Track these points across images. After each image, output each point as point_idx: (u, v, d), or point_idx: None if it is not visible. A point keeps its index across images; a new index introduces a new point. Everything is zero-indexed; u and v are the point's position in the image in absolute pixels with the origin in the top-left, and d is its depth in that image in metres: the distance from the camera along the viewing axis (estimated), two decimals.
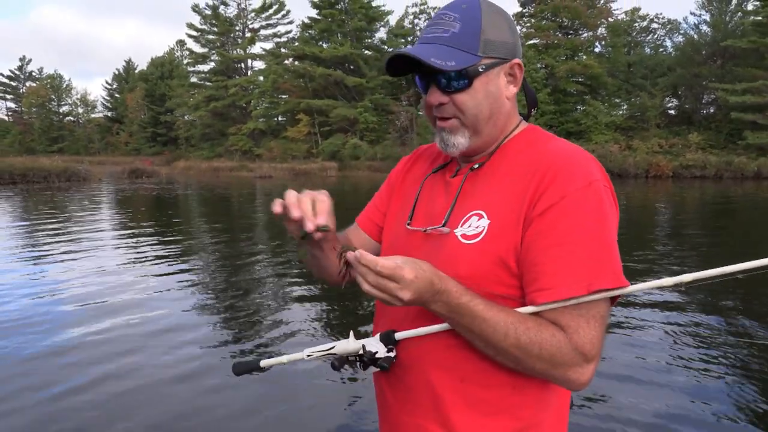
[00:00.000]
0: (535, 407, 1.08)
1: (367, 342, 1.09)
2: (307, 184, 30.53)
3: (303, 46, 51.98)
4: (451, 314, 0.97)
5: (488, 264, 1.02)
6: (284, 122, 55.70)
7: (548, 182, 1.00)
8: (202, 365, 4.36)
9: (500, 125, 1.12)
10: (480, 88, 1.06)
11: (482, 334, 0.97)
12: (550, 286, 0.96)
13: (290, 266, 8.20)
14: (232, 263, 8.56)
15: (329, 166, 43.14)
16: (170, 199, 22.07)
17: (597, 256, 0.97)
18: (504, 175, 1.09)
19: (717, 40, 41.29)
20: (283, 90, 54.19)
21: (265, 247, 10.05)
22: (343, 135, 48.01)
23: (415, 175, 1.31)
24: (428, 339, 1.06)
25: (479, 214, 1.06)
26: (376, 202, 1.38)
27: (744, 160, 33.00)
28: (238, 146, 54.21)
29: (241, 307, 6.04)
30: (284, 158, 47.63)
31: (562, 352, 0.95)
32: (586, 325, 0.97)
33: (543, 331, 0.96)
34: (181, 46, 75.21)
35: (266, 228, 13.00)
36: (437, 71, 1.04)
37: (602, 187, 1.01)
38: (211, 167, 47.12)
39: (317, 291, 6.64)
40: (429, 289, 0.94)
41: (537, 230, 0.99)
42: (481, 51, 1.04)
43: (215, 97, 58.14)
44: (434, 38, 1.06)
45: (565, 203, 0.98)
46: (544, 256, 0.98)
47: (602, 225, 0.99)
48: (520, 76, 1.10)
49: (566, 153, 1.05)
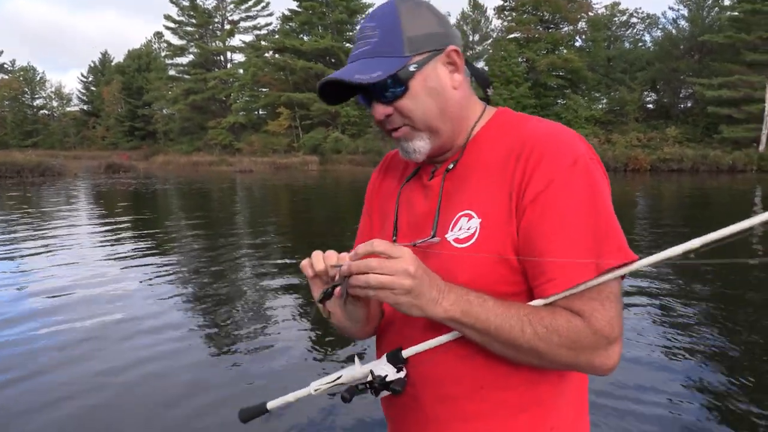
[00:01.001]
0: (554, 397, 1.04)
1: (375, 366, 1.02)
2: (289, 178, 30.34)
3: (283, 38, 51.51)
4: (463, 318, 0.92)
5: (488, 264, 0.97)
6: (265, 116, 55.21)
7: (533, 167, 0.96)
8: (180, 365, 4.25)
9: (457, 117, 1.06)
10: (418, 87, 1.00)
11: (499, 334, 0.92)
12: (557, 275, 0.92)
13: (271, 261, 8.08)
14: (213, 260, 8.42)
15: (310, 160, 42.92)
16: (148, 194, 21.74)
17: (599, 234, 0.92)
18: (484, 167, 1.04)
19: (695, 35, 41.86)
20: (263, 83, 53.68)
21: (247, 243, 9.91)
22: (325, 129, 47.79)
23: (390, 185, 1.24)
24: (439, 352, 1.00)
25: (468, 214, 1.01)
26: (363, 226, 1.31)
27: (719, 154, 33.54)
28: (217, 140, 53.65)
29: (222, 305, 5.92)
30: (265, 152, 47.29)
31: (582, 336, 0.91)
32: (602, 307, 0.92)
33: (557, 318, 0.92)
34: (158, 38, 74.14)
35: (248, 223, 12.85)
36: (371, 86, 0.99)
37: (589, 161, 0.97)
38: (191, 162, 46.60)
39: (301, 287, 6.55)
40: (433, 278, 0.92)
41: (531, 219, 0.94)
42: (408, 51, 0.99)
43: (194, 91, 57.43)
44: (359, 54, 1.02)
45: (555, 186, 0.94)
46: (545, 244, 0.93)
47: (597, 201, 0.94)
48: (461, 61, 1.03)
49: (546, 133, 1.00)
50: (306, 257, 1.01)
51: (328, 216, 14.59)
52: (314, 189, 24.33)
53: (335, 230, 11.68)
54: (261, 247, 9.38)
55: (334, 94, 1.07)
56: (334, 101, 1.09)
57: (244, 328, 5.15)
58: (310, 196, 20.93)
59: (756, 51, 36.57)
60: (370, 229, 1.27)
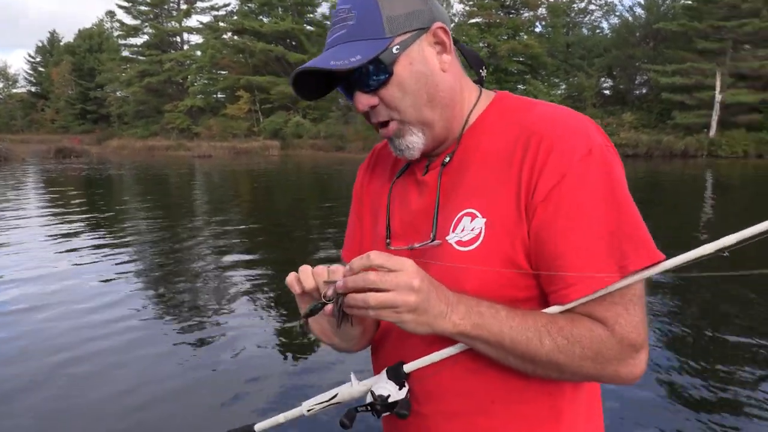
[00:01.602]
0: (570, 409, 0.96)
1: (374, 384, 0.93)
2: (249, 163, 29.83)
3: (242, 20, 50.27)
4: (475, 332, 0.82)
5: (497, 268, 0.88)
6: (224, 99, 53.96)
7: (543, 159, 0.85)
8: (133, 357, 4.10)
9: (449, 103, 0.94)
10: (404, 72, 0.89)
11: (515, 347, 0.83)
12: (577, 279, 0.82)
13: (232, 248, 7.91)
14: (171, 248, 8.18)
15: (271, 145, 42.29)
16: (102, 180, 21.04)
17: (621, 232, 0.83)
18: (484, 159, 0.93)
19: (650, 23, 42.77)
20: (221, 66, 52.38)
21: (206, 230, 9.67)
22: (286, 113, 47.06)
23: (379, 182, 1.13)
24: (446, 366, 0.91)
25: (470, 213, 0.91)
26: (353, 228, 1.19)
27: (672, 139, 34.57)
28: (174, 124, 52.22)
29: (180, 294, 5.75)
30: (224, 136, 46.32)
31: (606, 347, 0.82)
32: (626, 312, 0.83)
33: (578, 327, 0.83)
34: (111, 18, 71.37)
35: (207, 210, 12.56)
36: (352, 74, 0.89)
37: (605, 149, 0.87)
38: (147, 146, 45.38)
39: (264, 279, 6.42)
40: (439, 290, 0.82)
41: (544, 218, 0.85)
42: (389, 31, 0.88)
43: (149, 72, 55.60)
44: (335, 40, 0.91)
45: (570, 180, 0.84)
46: (562, 246, 0.83)
47: (617, 194, 0.85)
48: (449, 40, 0.92)
49: (555, 119, 0.89)
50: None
51: (291, 201, 14.40)
52: (275, 174, 23.99)
53: (297, 216, 11.53)
54: (221, 235, 9.17)
55: (310, 86, 0.96)
56: (312, 95, 0.97)
57: (202, 318, 5.02)
58: (271, 182, 20.62)
59: (707, 39, 37.64)
60: (360, 232, 1.15)
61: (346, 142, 41.81)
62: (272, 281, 6.24)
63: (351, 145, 41.41)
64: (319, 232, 9.54)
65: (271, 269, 6.88)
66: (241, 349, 4.26)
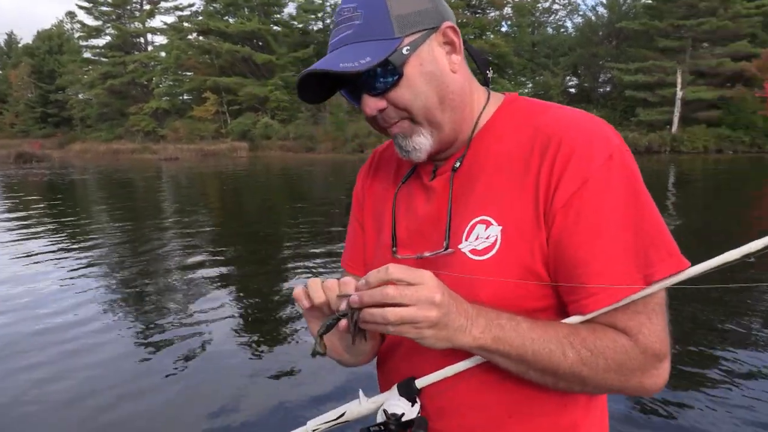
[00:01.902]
0: (586, 421, 0.94)
1: (386, 401, 0.88)
2: (217, 165, 29.42)
3: (207, 20, 49.54)
4: (495, 345, 0.79)
5: (513, 278, 0.84)
6: (190, 101, 53.09)
7: (562, 164, 0.82)
8: (96, 362, 3.98)
9: (459, 105, 0.91)
10: (415, 73, 0.85)
11: (537, 360, 0.80)
12: (600, 289, 0.79)
13: (201, 254, 7.77)
14: (137, 253, 7.99)
15: (239, 147, 41.81)
16: (65, 185, 20.49)
17: (645, 239, 0.80)
18: (497, 164, 0.90)
19: (612, 22, 43.67)
20: (187, 67, 51.55)
21: (174, 234, 9.48)
22: (254, 114, 46.57)
23: (382, 187, 1.09)
24: (461, 380, 0.88)
25: (485, 221, 0.87)
26: (354, 234, 1.14)
27: (636, 136, 35.33)
28: (140, 127, 51.18)
29: (146, 300, 5.62)
30: (191, 139, 45.60)
31: (630, 358, 0.80)
32: (649, 322, 0.81)
33: (601, 338, 0.80)
34: (71, 18, 69.58)
35: (175, 214, 12.32)
36: (359, 76, 0.85)
37: (625, 154, 0.84)
38: (111, 150, 44.37)
39: (234, 283, 6.32)
40: (459, 302, 0.78)
41: (565, 227, 0.82)
42: (398, 31, 0.84)
43: (112, 74, 54.35)
44: (339, 41, 0.87)
45: (591, 186, 0.81)
46: (584, 254, 0.80)
47: (640, 200, 0.82)
48: (458, 39, 0.89)
49: (573, 123, 0.86)
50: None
51: (260, 203, 14.24)
52: (244, 176, 23.72)
53: (267, 218, 11.41)
54: (189, 238, 9.00)
55: (313, 89, 0.91)
56: (315, 98, 0.93)
57: (169, 321, 4.91)
58: (240, 184, 20.38)
59: (668, 38, 38.62)
60: (362, 238, 1.11)
61: (316, 143, 41.59)
62: (242, 285, 6.15)
63: (321, 146, 41.22)
64: (290, 234, 9.45)
65: (241, 272, 6.79)
66: (207, 352, 4.19)
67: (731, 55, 36.53)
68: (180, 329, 4.77)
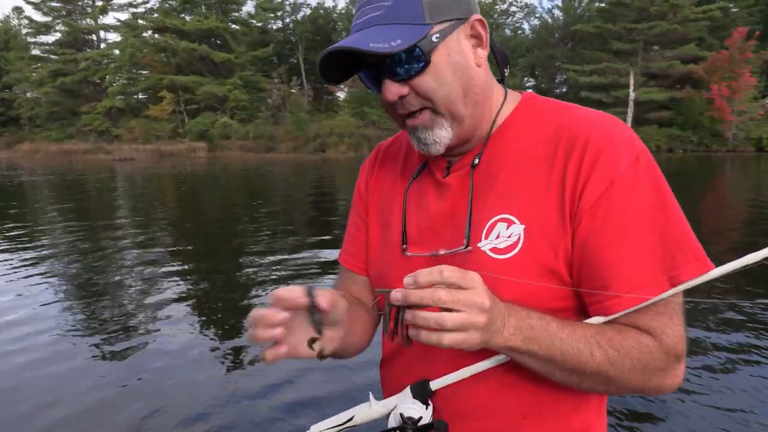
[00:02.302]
0: (597, 421, 0.94)
1: (399, 404, 0.84)
2: (174, 166, 28.77)
3: (163, 17, 48.43)
4: (524, 346, 0.77)
5: (535, 279, 0.83)
6: (146, 100, 51.81)
7: (590, 165, 0.81)
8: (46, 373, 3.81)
9: (481, 100, 0.89)
10: (442, 62, 0.83)
11: (565, 360, 0.79)
12: (628, 290, 0.79)
13: (159, 258, 7.55)
14: (91, 256, 7.71)
15: (198, 147, 41.06)
16: (13, 187, 19.65)
17: (672, 242, 0.80)
18: (517, 162, 0.88)
19: (568, 24, 44.75)
20: (142, 65, 50.26)
21: (130, 237, 9.19)
22: (212, 113, 45.77)
23: (389, 181, 1.06)
24: (478, 381, 0.85)
25: (506, 219, 0.85)
26: (356, 230, 1.10)
27: None
28: (93, 126, 49.64)
29: (101, 305, 5.42)
30: (147, 139, 44.54)
31: (654, 358, 0.80)
32: (671, 322, 0.81)
33: (627, 338, 0.80)
34: (18, 14, 66.80)
35: (130, 216, 11.97)
36: (383, 58, 0.82)
37: (651, 158, 0.84)
38: (62, 150, 42.86)
39: (192, 286, 6.16)
40: (496, 302, 0.75)
41: (591, 227, 0.81)
42: (429, 17, 0.81)
43: (63, 72, 52.52)
44: (367, 21, 0.83)
45: (618, 187, 0.80)
46: (610, 255, 0.80)
47: (667, 203, 0.82)
48: (486, 34, 0.88)
49: (599, 124, 0.85)
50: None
51: (220, 204, 13.98)
52: (203, 177, 23.26)
53: (227, 219, 11.20)
54: (146, 241, 8.75)
55: (334, 69, 0.87)
56: (334, 79, 0.89)
57: (127, 329, 4.75)
58: (198, 185, 19.96)
59: (621, 40, 39.83)
60: (364, 235, 1.08)
61: (277, 142, 41.19)
62: (200, 288, 6.00)
63: (281, 146, 40.83)
64: (251, 235, 9.30)
65: (200, 276, 6.63)
66: (167, 360, 4.06)
67: (680, 58, 37.96)
68: (136, 336, 4.62)
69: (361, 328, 1.03)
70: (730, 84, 33.69)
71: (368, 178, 1.10)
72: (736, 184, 17.64)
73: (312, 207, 13.08)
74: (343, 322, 0.88)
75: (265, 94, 47.11)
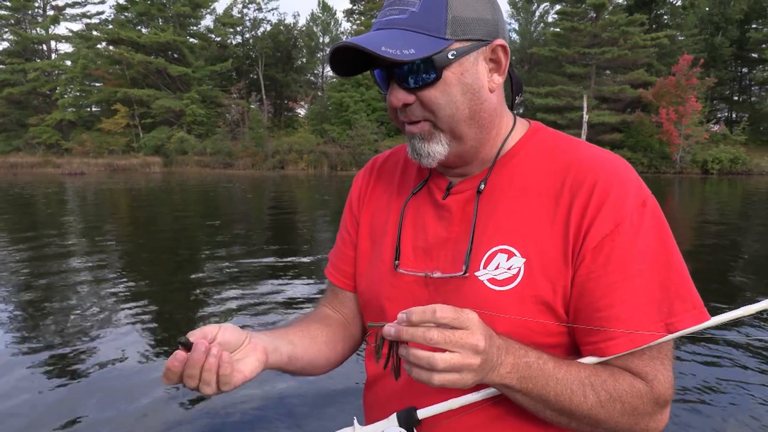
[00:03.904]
0: None
1: (384, 430, 0.83)
2: (128, 181, 27.92)
3: (118, 29, 47.35)
4: (521, 383, 0.76)
5: (531, 313, 0.82)
6: (99, 113, 50.40)
7: (597, 204, 0.81)
8: None
9: (487, 125, 0.87)
10: (453, 80, 0.82)
11: (558, 401, 0.78)
12: (621, 334, 0.79)
13: (117, 283, 7.18)
14: (35, 274, 7.27)
15: (152, 162, 40.10)
16: None
17: (671, 289, 0.80)
18: (523, 193, 0.87)
19: (525, 48, 45.98)
20: (96, 77, 48.95)
21: (79, 255, 8.75)
22: (168, 128, 44.84)
23: (384, 196, 1.03)
24: (465, 413, 0.83)
25: (507, 250, 0.84)
26: (344, 244, 1.07)
27: None
28: (41, 139, 47.80)
29: (48, 324, 5.06)
30: (99, 152, 43.23)
31: (644, 402, 0.80)
32: (663, 368, 0.81)
33: (620, 382, 0.80)
34: None
35: (79, 233, 11.44)
36: (395, 64, 0.82)
37: (657, 204, 0.84)
38: (8, 163, 41.10)
39: (144, 305, 5.85)
40: (493, 341, 0.74)
41: (593, 267, 0.80)
42: (450, 33, 0.80)
43: (10, 83, 50.57)
44: (389, 22, 0.83)
45: (623, 230, 0.80)
46: (609, 298, 0.80)
47: (669, 249, 0.82)
48: (506, 61, 0.85)
49: (608, 164, 0.84)
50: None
51: (174, 221, 13.55)
52: (157, 193, 22.60)
53: (182, 237, 10.83)
54: (96, 259, 8.34)
55: (347, 62, 0.85)
56: (346, 72, 0.87)
57: (74, 350, 4.44)
58: (152, 201, 19.36)
59: (575, 64, 41.16)
60: (351, 250, 1.05)
61: (235, 158, 40.59)
62: (148, 307, 5.71)
63: (239, 161, 40.25)
64: (205, 252, 8.99)
65: (149, 295, 6.32)
66: (114, 383, 3.80)
67: (631, 83, 39.47)
68: (84, 358, 4.32)
69: (325, 347, 1.01)
70: (677, 108, 35.15)
71: (361, 191, 1.08)
72: (684, 204, 18.28)
73: (270, 225, 12.82)
74: (246, 345, 0.84)
75: (223, 109, 46.48)
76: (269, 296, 6.11)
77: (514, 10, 49.73)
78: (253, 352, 0.83)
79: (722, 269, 7.68)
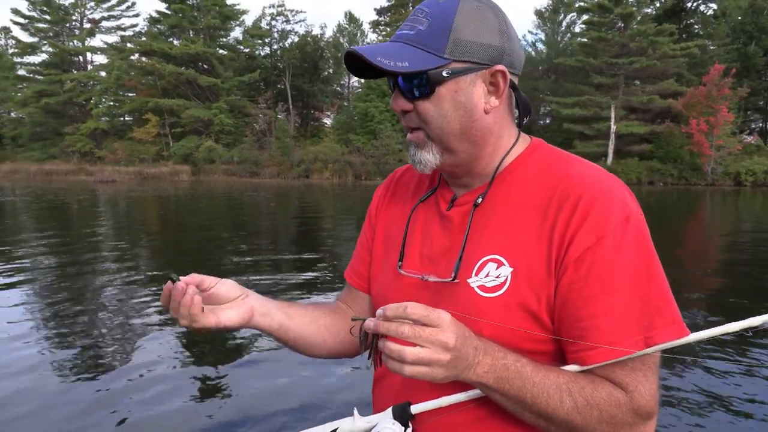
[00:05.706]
0: None
1: (380, 422, 0.88)
2: (157, 188, 28.52)
3: (151, 41, 48.56)
4: (496, 385, 0.81)
5: (516, 320, 0.86)
6: (131, 122, 51.60)
7: (581, 218, 0.84)
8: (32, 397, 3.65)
9: (480, 142, 0.93)
10: (446, 96, 0.88)
11: (534, 404, 0.82)
12: (602, 343, 0.82)
13: (145, 285, 7.39)
14: (67, 278, 7.52)
15: (181, 170, 40.84)
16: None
17: (651, 303, 0.83)
18: (515, 206, 0.92)
19: (551, 58, 45.70)
20: (129, 87, 50.22)
21: (110, 261, 9.01)
22: (197, 137, 45.67)
23: (398, 205, 1.12)
24: (455, 411, 0.88)
25: (496, 260, 0.90)
26: (362, 250, 1.17)
27: None
28: (76, 147, 49.16)
29: (83, 331, 5.25)
30: (131, 161, 44.21)
31: (623, 412, 0.82)
32: (644, 379, 0.83)
33: (599, 390, 0.82)
34: (5, 34, 66.62)
35: (110, 239, 11.76)
36: (395, 74, 0.88)
37: (641, 220, 0.87)
38: (43, 170, 42.37)
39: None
40: (468, 341, 0.80)
41: (575, 278, 0.84)
42: (449, 53, 0.86)
43: (48, 93, 52.18)
44: (398, 36, 0.91)
45: (605, 244, 0.83)
46: (590, 308, 0.83)
47: (651, 264, 0.85)
48: (505, 86, 0.90)
49: (596, 180, 0.89)
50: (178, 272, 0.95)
51: (201, 229, 13.82)
52: (186, 201, 23.05)
53: (209, 245, 11.05)
54: (127, 266, 8.57)
55: (357, 68, 0.94)
56: (363, 74, 0.95)
57: (110, 354, 4.59)
58: (181, 209, 19.76)
59: (602, 74, 40.70)
60: (367, 256, 1.15)
61: (261, 167, 41.12)
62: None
63: (265, 170, 40.77)
64: (232, 261, 9.17)
65: None
66: (152, 390, 3.93)
67: (660, 93, 38.84)
68: (126, 359, 4.47)
69: (325, 330, 1.10)
70: (708, 119, 34.49)
71: (380, 203, 1.16)
72: (716, 217, 17.91)
73: (295, 233, 12.98)
74: (237, 300, 1.00)
75: (250, 119, 47.17)
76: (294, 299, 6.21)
77: (541, 21, 49.52)
78: (239, 307, 0.99)
79: (759, 286, 7.53)
